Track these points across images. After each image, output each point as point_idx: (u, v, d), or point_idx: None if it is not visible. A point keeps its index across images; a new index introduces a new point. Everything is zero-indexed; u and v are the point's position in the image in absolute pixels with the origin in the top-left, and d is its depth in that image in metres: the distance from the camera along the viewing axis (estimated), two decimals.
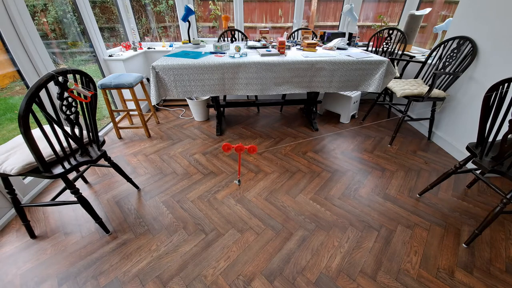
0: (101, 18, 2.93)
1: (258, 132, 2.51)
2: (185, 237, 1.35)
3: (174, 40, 3.41)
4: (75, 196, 1.23)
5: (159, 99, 1.94)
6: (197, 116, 2.76)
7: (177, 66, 1.85)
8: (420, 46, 2.92)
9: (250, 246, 1.30)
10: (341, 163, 1.98)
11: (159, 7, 3.23)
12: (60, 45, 2.58)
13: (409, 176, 1.83)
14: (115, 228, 1.41)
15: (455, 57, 1.96)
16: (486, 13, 1.76)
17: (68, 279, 1.15)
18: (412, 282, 1.13)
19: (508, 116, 1.04)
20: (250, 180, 1.79)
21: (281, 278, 1.15)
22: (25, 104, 0.88)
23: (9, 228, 1.41)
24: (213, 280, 1.14)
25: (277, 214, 1.50)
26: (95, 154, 1.27)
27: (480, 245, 1.30)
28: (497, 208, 1.17)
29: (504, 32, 1.63)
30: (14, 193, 1.23)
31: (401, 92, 1.99)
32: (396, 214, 1.49)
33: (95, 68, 2.62)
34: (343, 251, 1.27)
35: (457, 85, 2.02)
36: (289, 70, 1.95)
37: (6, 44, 1.56)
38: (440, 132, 2.23)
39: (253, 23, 3.26)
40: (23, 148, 1.16)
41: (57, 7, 2.47)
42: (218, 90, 2.00)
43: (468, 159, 1.35)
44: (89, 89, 1.14)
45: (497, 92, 1.10)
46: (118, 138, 2.39)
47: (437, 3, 2.88)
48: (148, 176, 1.84)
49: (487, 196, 1.64)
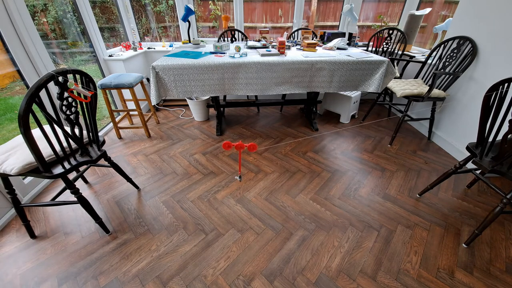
0: (101, 18, 2.93)
1: (258, 132, 2.51)
2: (185, 237, 1.35)
3: (174, 40, 3.41)
4: (75, 196, 1.23)
5: (159, 99, 1.94)
6: (197, 116, 2.76)
7: (177, 66, 1.85)
8: (420, 46, 2.92)
9: (250, 246, 1.30)
10: (341, 163, 1.98)
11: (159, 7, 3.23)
12: (60, 45, 2.58)
13: (409, 176, 1.82)
14: (115, 228, 1.41)
15: (455, 57, 1.96)
16: (486, 13, 1.76)
17: (68, 279, 1.15)
18: (412, 282, 1.13)
19: (508, 116, 1.04)
20: (250, 180, 1.79)
21: (281, 278, 1.15)
22: (25, 104, 0.88)
23: (9, 228, 1.41)
24: (213, 280, 1.14)
25: (277, 214, 1.50)
26: (95, 154, 1.27)
27: (480, 245, 1.30)
28: (497, 208, 1.17)
29: (504, 32, 1.63)
30: (14, 193, 1.23)
31: (401, 92, 1.98)
32: (396, 214, 1.49)
33: (95, 68, 2.62)
34: (343, 251, 1.27)
35: (457, 85, 2.02)
36: (289, 70, 1.95)
37: (6, 44, 1.56)
38: (440, 132, 2.23)
39: (253, 23, 3.26)
40: (23, 148, 1.16)
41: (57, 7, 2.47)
42: (218, 90, 2.00)
43: (468, 159, 1.35)
44: (89, 89, 1.14)
45: (497, 92, 1.10)
46: (118, 138, 2.39)
47: (437, 3, 2.88)
48: (148, 176, 1.84)
49: (487, 196, 1.64)
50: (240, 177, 0.99)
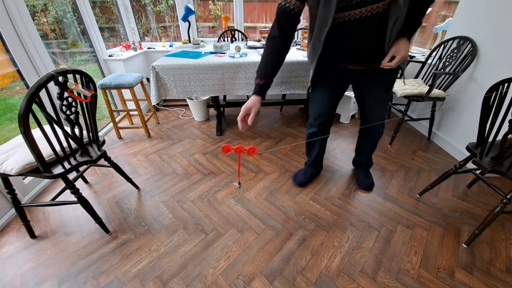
0: (101, 18, 2.93)
1: (258, 132, 2.51)
2: (185, 237, 1.35)
3: (174, 40, 3.41)
4: (75, 196, 1.23)
5: (159, 99, 1.94)
6: (197, 116, 2.76)
7: (177, 66, 1.85)
8: (420, 46, 2.92)
9: (250, 246, 1.30)
10: (341, 163, 1.98)
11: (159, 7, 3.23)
12: (60, 45, 2.58)
13: (409, 176, 1.82)
14: (115, 228, 1.41)
15: (455, 57, 1.96)
16: (486, 13, 1.76)
17: (68, 279, 1.15)
18: (412, 282, 1.13)
19: (508, 116, 1.04)
20: (250, 180, 1.79)
21: (281, 278, 1.15)
22: (25, 104, 0.88)
23: (9, 228, 1.41)
24: (213, 280, 1.14)
25: (277, 214, 1.50)
26: (95, 154, 1.27)
27: (480, 245, 1.30)
28: (497, 208, 1.17)
29: (504, 32, 1.63)
30: (14, 193, 1.23)
31: (401, 92, 1.98)
32: (396, 214, 1.49)
33: (95, 68, 2.62)
34: (343, 251, 1.27)
35: (457, 85, 2.02)
36: (289, 70, 1.95)
37: (6, 44, 1.56)
38: (440, 132, 2.23)
39: (253, 23, 3.26)
40: (23, 148, 1.16)
41: (57, 7, 2.47)
42: (218, 90, 2.00)
43: (468, 159, 1.35)
44: (89, 89, 1.14)
45: (497, 92, 1.10)
46: (118, 138, 2.39)
47: (437, 3, 2.88)
48: (148, 176, 1.84)
49: (487, 196, 1.64)
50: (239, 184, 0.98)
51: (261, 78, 1.13)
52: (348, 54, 1.19)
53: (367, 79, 1.27)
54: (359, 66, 1.22)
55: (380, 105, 1.38)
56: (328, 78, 1.33)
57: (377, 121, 1.37)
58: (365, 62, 1.20)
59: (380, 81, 1.27)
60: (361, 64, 1.22)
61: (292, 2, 1.03)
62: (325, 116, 1.44)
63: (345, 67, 1.25)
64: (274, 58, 1.15)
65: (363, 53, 1.15)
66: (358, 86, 1.38)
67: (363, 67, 1.22)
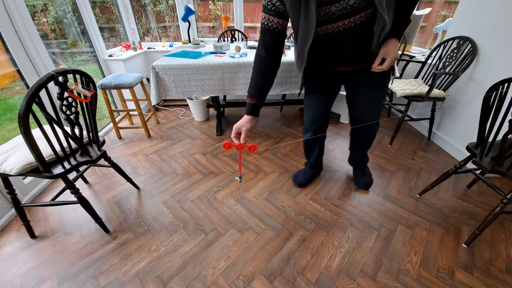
0: (101, 18, 2.93)
1: (258, 132, 2.51)
2: (185, 237, 1.35)
3: (174, 40, 3.41)
4: (75, 196, 1.23)
5: (159, 99, 1.94)
6: (197, 116, 2.77)
7: (177, 66, 1.85)
8: (420, 46, 2.92)
9: (250, 246, 1.30)
10: (341, 163, 1.98)
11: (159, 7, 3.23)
12: (60, 45, 2.58)
13: (409, 176, 1.82)
14: (115, 228, 1.41)
15: (455, 57, 1.96)
16: (486, 13, 1.76)
17: (68, 279, 1.15)
18: (412, 282, 1.13)
19: (508, 116, 1.04)
20: (250, 180, 1.79)
21: (281, 278, 1.15)
22: (25, 104, 0.88)
23: (9, 228, 1.41)
24: (213, 280, 1.14)
25: (277, 214, 1.50)
26: (95, 154, 1.27)
27: (480, 245, 1.30)
28: (497, 208, 1.17)
29: (504, 32, 1.63)
30: (14, 193, 1.23)
31: (401, 92, 1.98)
32: (396, 214, 1.49)
33: (95, 68, 2.62)
34: (343, 251, 1.27)
35: (457, 85, 2.02)
36: (289, 70, 1.95)
37: (6, 44, 1.56)
38: (440, 132, 2.23)
39: (253, 23, 3.26)
40: (23, 148, 1.16)
41: (57, 7, 2.47)
42: (218, 90, 2.00)
43: (468, 159, 1.35)
44: (89, 89, 1.14)
45: (497, 92, 1.10)
46: (118, 138, 2.39)
47: (437, 3, 2.88)
48: (148, 176, 1.84)
49: (487, 196, 1.64)
50: (240, 178, 0.98)
51: (252, 98, 1.11)
52: (336, 59, 1.17)
53: (359, 79, 1.26)
54: (349, 68, 1.21)
55: (374, 104, 1.36)
56: (320, 81, 1.32)
57: (370, 119, 1.36)
58: (354, 64, 1.18)
59: (373, 80, 1.25)
60: (350, 66, 1.20)
61: (275, 21, 0.99)
62: (319, 120, 1.44)
63: (335, 69, 1.23)
64: (261, 80, 1.11)
65: (350, 57, 1.14)
66: (351, 86, 1.36)
67: (353, 68, 1.20)
